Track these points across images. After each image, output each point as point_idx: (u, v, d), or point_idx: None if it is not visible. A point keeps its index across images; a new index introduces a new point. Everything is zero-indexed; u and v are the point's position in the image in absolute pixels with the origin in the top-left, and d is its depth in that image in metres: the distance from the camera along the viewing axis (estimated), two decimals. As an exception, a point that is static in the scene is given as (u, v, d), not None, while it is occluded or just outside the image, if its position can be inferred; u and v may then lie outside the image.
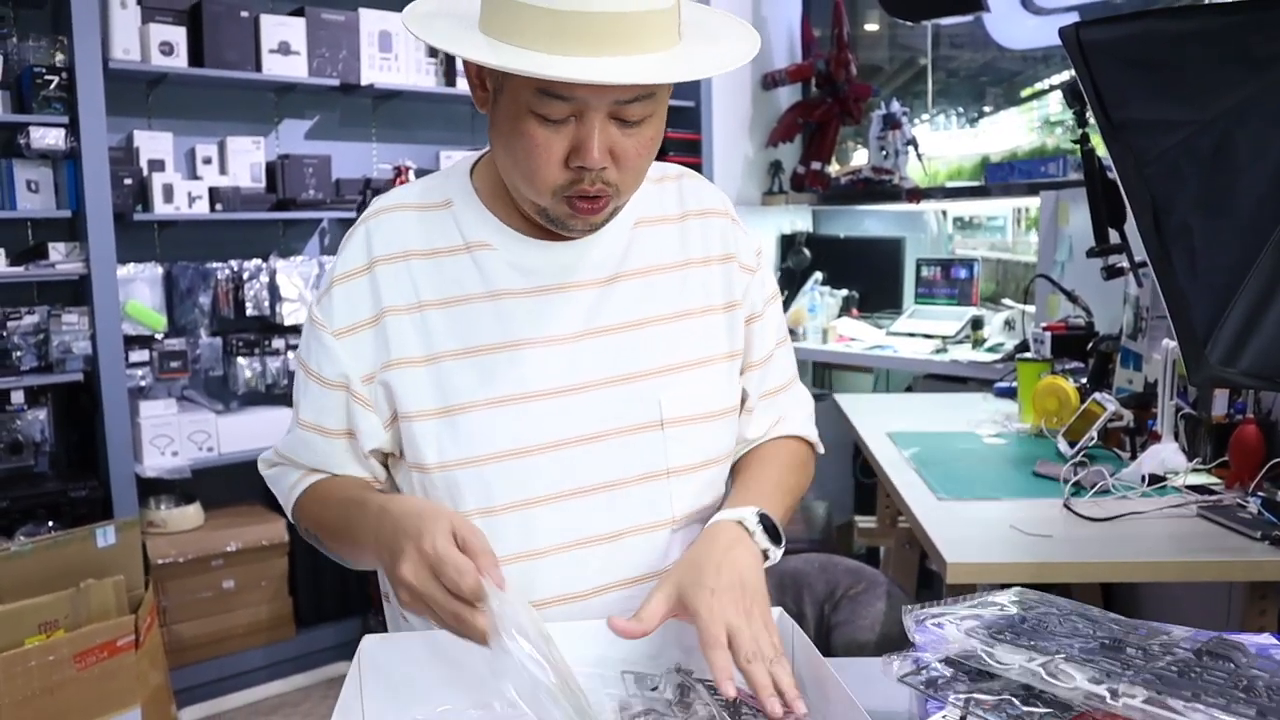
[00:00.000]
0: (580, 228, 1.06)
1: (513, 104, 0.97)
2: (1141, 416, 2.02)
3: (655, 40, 0.94)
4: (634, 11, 0.91)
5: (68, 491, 2.74)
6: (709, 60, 0.98)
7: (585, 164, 0.96)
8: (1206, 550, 1.52)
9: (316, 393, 1.11)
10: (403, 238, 1.10)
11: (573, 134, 0.97)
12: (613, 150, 0.98)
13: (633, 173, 1.02)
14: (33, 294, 2.86)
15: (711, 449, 1.16)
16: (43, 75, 2.64)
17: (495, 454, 1.06)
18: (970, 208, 4.08)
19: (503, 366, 1.07)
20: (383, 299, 1.08)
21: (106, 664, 2.31)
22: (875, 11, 4.33)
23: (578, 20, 0.89)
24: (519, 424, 1.07)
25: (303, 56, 3.07)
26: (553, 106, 0.95)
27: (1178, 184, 1.35)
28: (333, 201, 3.20)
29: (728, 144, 4.17)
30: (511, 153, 1.00)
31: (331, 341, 1.09)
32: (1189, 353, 1.37)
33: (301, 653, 3.16)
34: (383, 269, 1.09)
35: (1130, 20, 1.42)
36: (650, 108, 0.98)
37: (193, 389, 3.18)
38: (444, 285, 1.09)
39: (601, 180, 0.99)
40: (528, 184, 1.01)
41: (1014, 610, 0.92)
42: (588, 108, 0.95)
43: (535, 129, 0.96)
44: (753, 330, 1.22)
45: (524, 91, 0.95)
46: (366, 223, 1.12)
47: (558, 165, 0.98)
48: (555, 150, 0.97)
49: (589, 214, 1.03)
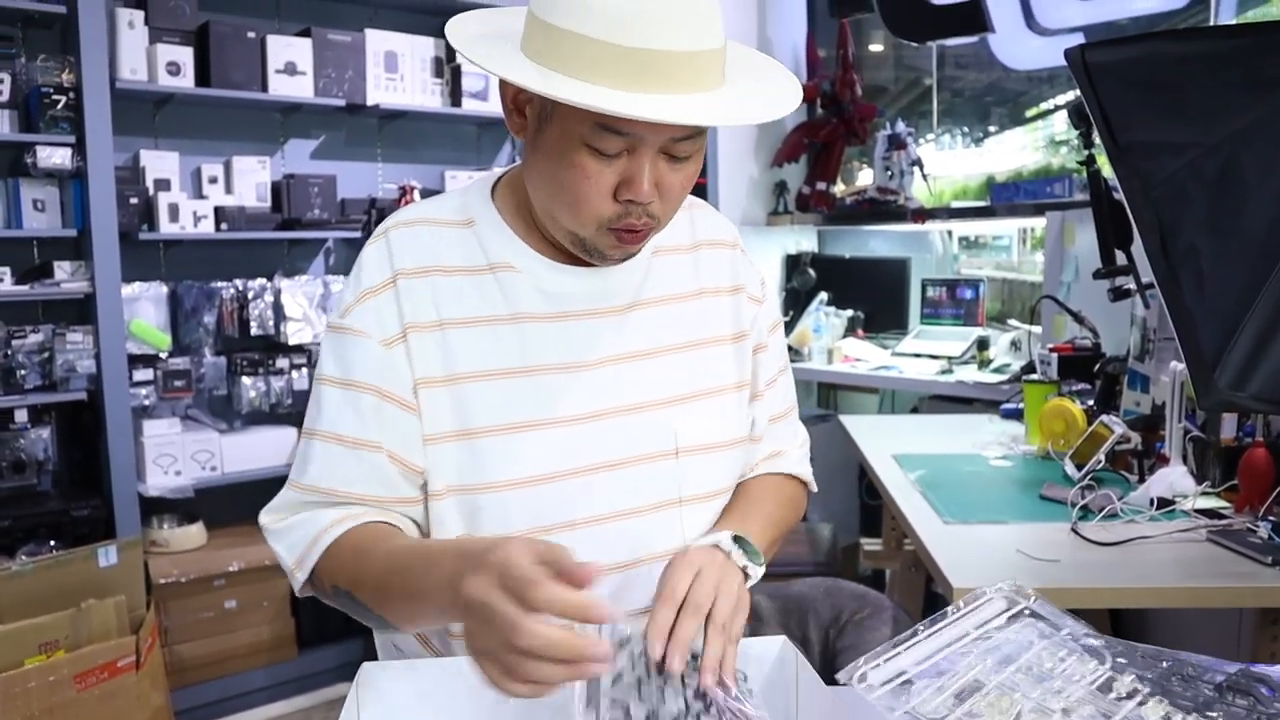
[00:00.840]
0: (619, 257, 1.06)
1: (564, 135, 0.96)
2: (1149, 439, 2.00)
3: (709, 79, 0.94)
4: (697, 51, 0.91)
5: (70, 511, 2.73)
6: (765, 103, 0.98)
7: (637, 198, 0.96)
8: (1216, 576, 1.51)
9: (370, 405, 1.04)
10: (425, 252, 1.08)
11: (623, 168, 0.96)
12: (659, 184, 0.98)
13: (674, 205, 1.02)
14: (38, 312, 2.86)
15: (724, 478, 1.17)
16: (50, 95, 2.64)
17: (514, 481, 1.05)
18: (975, 228, 4.07)
19: (524, 391, 1.06)
20: (405, 314, 1.06)
21: (107, 685, 2.29)
22: (880, 32, 4.34)
23: (643, 58, 0.89)
24: (539, 451, 1.06)
25: (309, 76, 3.08)
26: (609, 141, 0.94)
27: (1185, 206, 1.34)
28: (338, 221, 3.21)
29: (733, 164, 4.17)
30: (557, 182, 0.99)
31: (380, 350, 1.05)
32: (1198, 376, 1.36)
33: (303, 674, 3.14)
34: (405, 283, 1.06)
35: (1136, 42, 1.42)
36: (698, 144, 0.99)
37: (196, 408, 3.17)
38: (466, 304, 1.07)
39: (647, 214, 0.99)
40: (572, 215, 1.00)
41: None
42: (642, 143, 0.95)
43: (588, 161, 0.96)
44: (759, 360, 1.23)
45: (580, 125, 0.94)
46: (386, 235, 1.09)
47: (606, 198, 0.98)
48: (605, 183, 0.97)
49: (631, 244, 1.03)
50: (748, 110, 0.96)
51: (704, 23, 0.92)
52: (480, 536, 0.90)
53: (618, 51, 0.89)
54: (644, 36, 0.89)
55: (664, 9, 0.90)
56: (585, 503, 1.07)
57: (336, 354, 1.07)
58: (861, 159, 4.54)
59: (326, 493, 1.05)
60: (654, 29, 0.89)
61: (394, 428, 1.04)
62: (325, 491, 1.05)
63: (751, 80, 1.01)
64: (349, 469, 1.04)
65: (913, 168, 3.90)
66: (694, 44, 0.91)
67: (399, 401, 1.05)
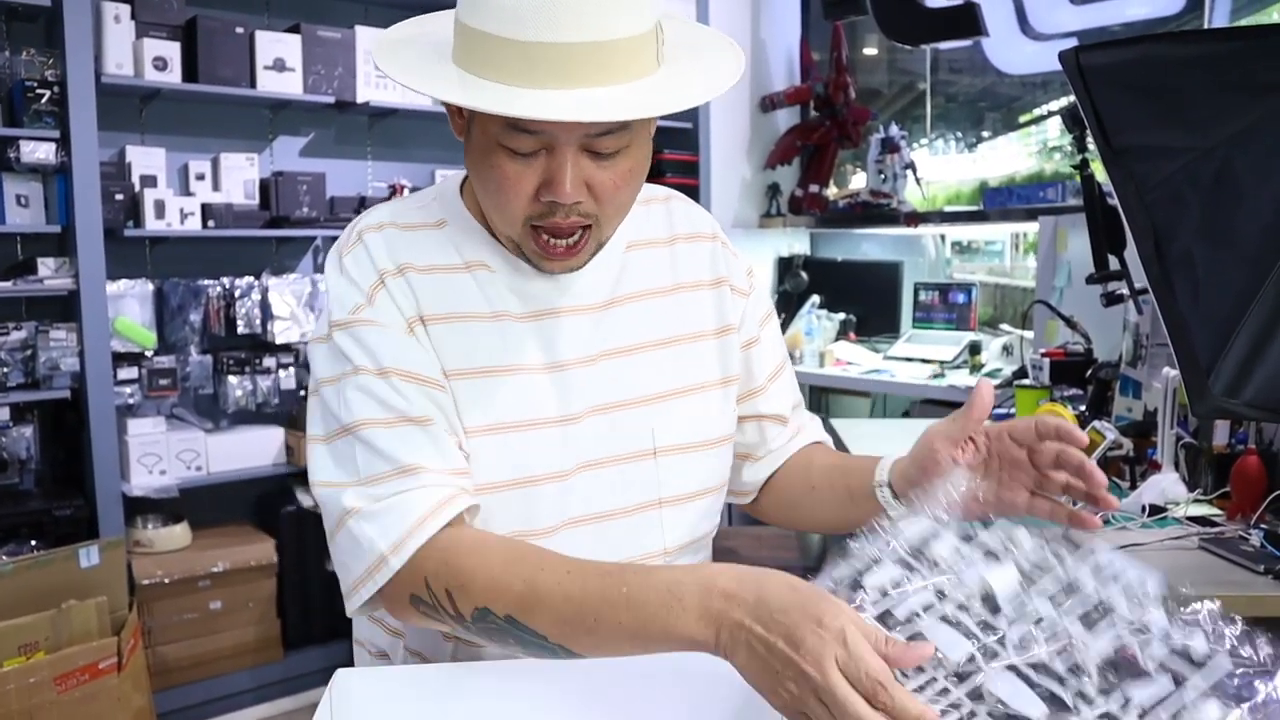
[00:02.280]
0: (558, 268, 1.02)
1: (482, 136, 0.94)
2: (1141, 445, 1.99)
3: (631, 68, 0.90)
4: (606, 41, 0.87)
5: (52, 510, 2.70)
6: (685, 91, 0.93)
7: (556, 198, 0.93)
8: (1208, 584, 1.49)
9: (406, 388, 0.97)
10: (396, 254, 1.04)
11: (543, 168, 0.93)
12: (588, 183, 0.94)
13: (613, 205, 0.98)
14: (21, 309, 2.83)
15: (705, 478, 1.14)
16: (34, 89, 2.62)
17: (495, 484, 1.02)
18: (968, 232, 4.07)
19: (508, 391, 1.03)
20: (403, 310, 1.02)
21: (88, 686, 2.27)
22: (874, 35, 4.33)
23: (545, 51, 0.86)
24: (519, 453, 1.03)
25: (298, 73, 3.05)
26: (520, 140, 0.91)
27: (1179, 211, 1.33)
28: (326, 219, 3.18)
29: (725, 166, 4.16)
30: (483, 184, 0.98)
31: (404, 336, 0.99)
32: (1191, 383, 1.35)
33: (289, 676, 3.11)
34: (391, 281, 1.02)
35: (1131, 45, 1.40)
36: (624, 140, 0.94)
37: (182, 407, 3.14)
38: (446, 300, 1.03)
39: (578, 213, 0.96)
40: (499, 215, 0.99)
41: None
42: (556, 141, 0.91)
43: (505, 162, 0.93)
44: (751, 355, 1.21)
45: (492, 125, 0.92)
46: (363, 238, 1.05)
47: (527, 198, 0.95)
48: (526, 184, 0.94)
49: (563, 256, 0.99)
50: (665, 99, 0.90)
51: (615, 11, 0.87)
52: (741, 571, 0.80)
53: (517, 47, 0.86)
54: (544, 29, 0.85)
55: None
56: (565, 505, 1.05)
57: (361, 347, 0.98)
58: (855, 162, 4.53)
59: (405, 471, 0.94)
60: (555, 20, 0.85)
61: (439, 407, 0.99)
62: (402, 469, 0.94)
63: (690, 61, 0.97)
64: (411, 443, 0.95)
65: (906, 171, 3.89)
66: (601, 33, 0.86)
67: (436, 385, 0.99)
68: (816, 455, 1.25)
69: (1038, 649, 0.73)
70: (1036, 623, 0.75)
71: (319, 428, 1.00)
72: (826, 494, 1.17)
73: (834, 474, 1.18)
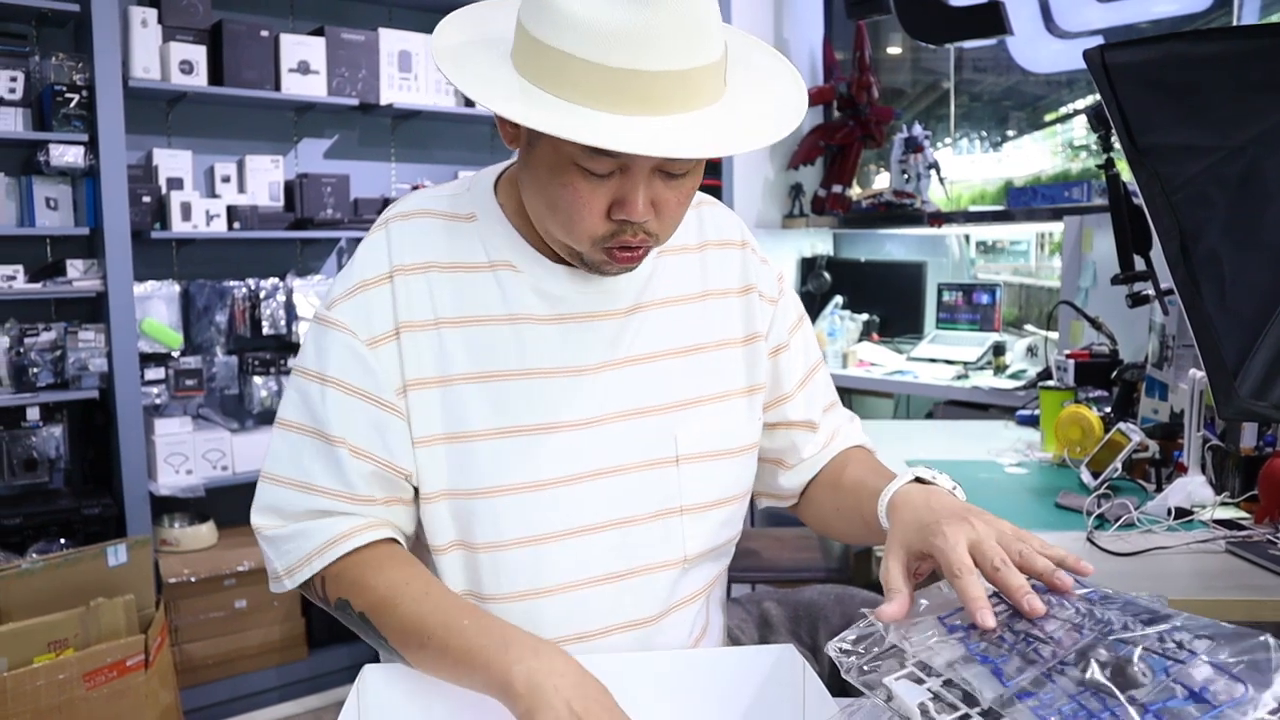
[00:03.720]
0: (615, 272, 1.03)
1: (554, 154, 0.93)
2: (1167, 448, 1.97)
3: (707, 94, 0.90)
4: (690, 69, 0.87)
5: (81, 509, 2.73)
6: (766, 123, 0.93)
7: (630, 218, 0.93)
8: (1235, 588, 1.47)
9: (347, 405, 1.01)
10: (425, 247, 1.05)
11: (616, 187, 0.93)
12: (655, 202, 0.95)
13: (672, 221, 0.99)
14: (50, 311, 2.87)
15: (727, 486, 1.13)
16: (63, 93, 2.65)
17: (507, 487, 1.02)
18: (992, 232, 4.04)
19: (518, 395, 1.03)
20: (399, 313, 1.02)
21: (115, 684, 2.29)
22: (898, 35, 4.31)
23: (631, 79, 0.85)
24: (533, 457, 1.03)
25: (322, 76, 3.07)
26: (599, 162, 0.91)
27: (1206, 211, 1.31)
28: (350, 221, 3.20)
29: (748, 166, 4.15)
30: (550, 200, 0.96)
31: (364, 350, 1.02)
32: (1218, 385, 1.33)
33: (313, 674, 3.13)
34: (401, 279, 1.03)
35: (1156, 43, 1.39)
36: (695, 161, 0.95)
37: (208, 407, 3.17)
38: (463, 303, 1.04)
39: (644, 231, 0.96)
40: (565, 232, 0.97)
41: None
42: (635, 162, 0.91)
43: (579, 181, 0.93)
44: (779, 361, 1.20)
45: (567, 145, 0.90)
46: (388, 226, 1.06)
47: (599, 217, 0.94)
48: (598, 203, 0.94)
49: (627, 262, 0.99)
50: (746, 137, 0.91)
51: (697, 37, 0.87)
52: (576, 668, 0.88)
53: (602, 72, 0.85)
54: (630, 56, 0.84)
55: (652, 25, 0.84)
56: (580, 510, 1.04)
57: (317, 346, 1.04)
58: (878, 162, 4.51)
59: (294, 484, 1.02)
60: (641, 48, 0.84)
61: (372, 429, 1.01)
62: (291, 482, 1.02)
63: (751, 89, 0.96)
64: (316, 462, 1.01)
65: (929, 171, 3.87)
66: (686, 61, 0.86)
67: (374, 400, 1.01)
68: (849, 467, 1.20)
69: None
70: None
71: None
72: (846, 516, 1.15)
73: (850, 498, 1.14)
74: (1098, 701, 0.68)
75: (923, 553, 0.88)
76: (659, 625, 1.09)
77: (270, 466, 1.05)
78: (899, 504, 0.97)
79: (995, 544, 0.84)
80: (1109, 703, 0.68)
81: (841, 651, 0.83)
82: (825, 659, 1.46)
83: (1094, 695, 0.69)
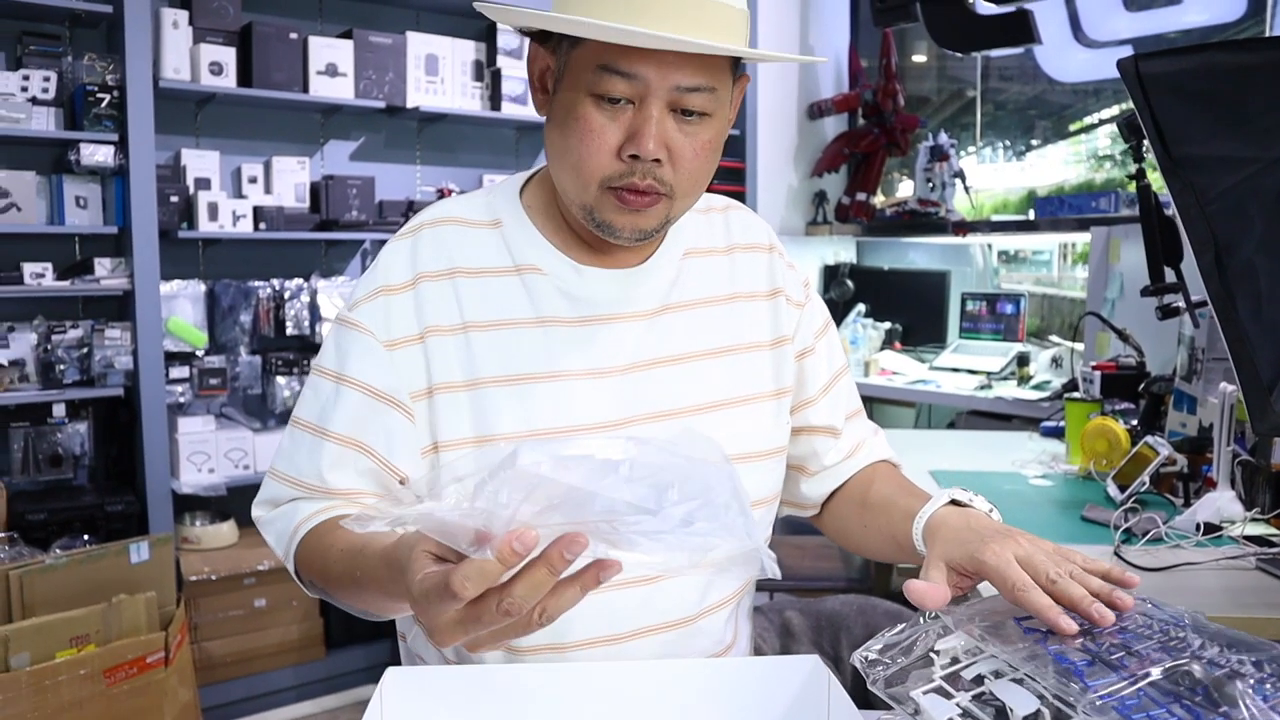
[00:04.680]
0: (627, 230, 1.00)
1: (572, 89, 0.96)
2: (1196, 462, 1.95)
3: (726, 34, 0.93)
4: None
5: (105, 506, 2.75)
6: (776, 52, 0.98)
7: (639, 152, 0.94)
8: (1265, 606, 1.45)
9: (359, 403, 1.03)
10: (450, 253, 1.06)
11: (629, 122, 0.94)
12: (669, 145, 0.95)
13: (688, 176, 0.98)
14: (78, 308, 2.89)
15: (755, 489, 1.12)
16: (94, 93, 2.67)
17: None
18: (1015, 242, 4.02)
19: (545, 397, 1.03)
20: (426, 317, 1.03)
21: (136, 680, 2.30)
22: (924, 42, 4.30)
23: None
24: None
25: (349, 78, 3.09)
26: (613, 82, 0.93)
27: (1242, 223, 1.30)
28: (375, 223, 3.21)
29: (772, 173, 4.14)
30: (565, 140, 0.97)
31: (382, 351, 1.03)
32: (1253, 400, 1.31)
33: (332, 674, 3.14)
34: (427, 285, 1.04)
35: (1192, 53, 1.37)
36: (712, 104, 0.96)
37: (231, 407, 3.19)
38: (490, 307, 1.05)
39: (654, 176, 0.96)
40: (576, 175, 0.98)
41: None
42: (648, 91, 0.93)
43: (592, 112, 0.94)
44: (805, 365, 1.19)
45: (586, 72, 0.93)
46: (415, 234, 1.08)
47: (610, 154, 0.95)
48: (610, 138, 0.95)
49: (635, 207, 0.98)
50: (753, 52, 0.96)
51: None
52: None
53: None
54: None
55: None
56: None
57: (337, 346, 1.05)
58: (902, 170, 4.50)
59: (301, 484, 1.04)
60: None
61: (380, 429, 1.02)
62: (298, 483, 1.04)
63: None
64: (328, 462, 1.03)
65: (954, 180, 3.85)
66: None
67: (392, 403, 1.03)
68: (876, 483, 1.20)
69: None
70: None
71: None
72: (875, 534, 1.14)
73: (880, 516, 1.13)
74: (1191, 716, 0.68)
75: (964, 570, 0.88)
76: (689, 630, 1.08)
77: (276, 462, 1.07)
78: (937, 525, 0.97)
79: (1045, 559, 0.84)
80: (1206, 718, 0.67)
81: (867, 661, 0.82)
82: (848, 669, 1.45)
83: (1184, 707, 0.69)
